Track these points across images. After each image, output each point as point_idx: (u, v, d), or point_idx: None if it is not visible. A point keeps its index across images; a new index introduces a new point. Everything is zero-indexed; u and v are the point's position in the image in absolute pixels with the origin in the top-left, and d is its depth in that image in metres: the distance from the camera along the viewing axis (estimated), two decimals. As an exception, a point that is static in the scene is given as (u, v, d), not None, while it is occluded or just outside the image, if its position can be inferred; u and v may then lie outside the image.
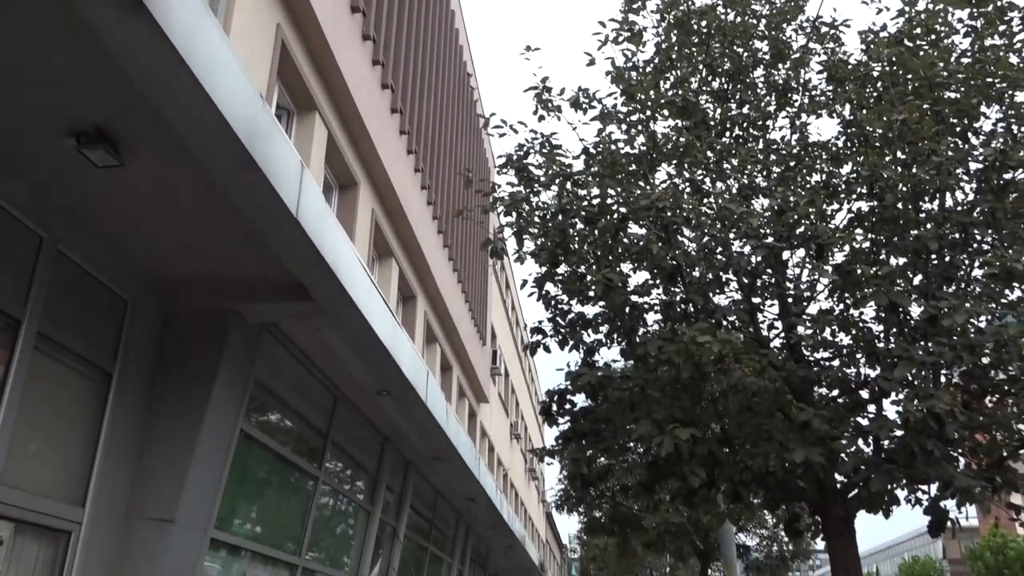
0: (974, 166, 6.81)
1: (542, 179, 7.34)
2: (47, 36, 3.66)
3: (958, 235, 6.58)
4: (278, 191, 4.62)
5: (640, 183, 7.23)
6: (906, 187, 6.63)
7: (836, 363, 6.96)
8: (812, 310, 7.18)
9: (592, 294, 7.04)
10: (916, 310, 6.16)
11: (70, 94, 4.08)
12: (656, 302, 7.21)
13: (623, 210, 6.70)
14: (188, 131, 4.06)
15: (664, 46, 8.59)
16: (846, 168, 7.54)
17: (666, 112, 8.15)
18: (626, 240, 7.09)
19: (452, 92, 16.86)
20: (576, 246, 7.27)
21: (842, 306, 7.25)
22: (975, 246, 6.74)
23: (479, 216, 7.76)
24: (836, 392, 6.96)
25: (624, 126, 7.50)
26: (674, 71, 8.63)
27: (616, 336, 7.37)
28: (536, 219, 7.28)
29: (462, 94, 18.11)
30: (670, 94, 8.21)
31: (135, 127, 4.33)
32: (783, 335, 7.16)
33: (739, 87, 8.58)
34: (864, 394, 6.69)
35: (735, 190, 7.87)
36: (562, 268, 7.32)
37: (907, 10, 7.58)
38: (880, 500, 6.04)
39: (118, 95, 4.05)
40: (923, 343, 5.95)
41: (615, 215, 6.75)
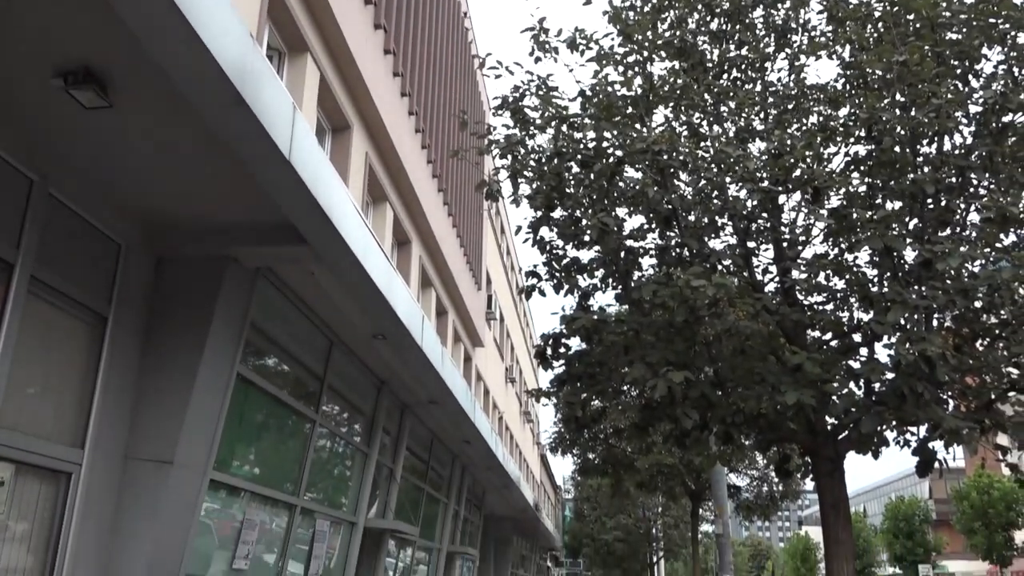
0: (973, 109, 6.74)
1: (538, 122, 7.26)
2: (29, -28, 3.57)
3: (955, 179, 6.55)
4: (270, 133, 4.57)
5: (636, 126, 7.15)
6: (904, 130, 6.57)
7: (830, 307, 6.99)
8: (807, 254, 7.18)
9: (587, 238, 7.03)
10: (911, 254, 6.17)
11: (56, 32, 4.00)
12: (651, 246, 7.20)
13: (619, 153, 6.63)
14: (176, 71, 3.99)
15: (662, -16, 8.42)
16: (844, 111, 7.47)
17: (663, 53, 8.03)
18: (622, 184, 7.04)
19: (447, 33, 16.56)
20: (572, 190, 7.22)
21: (837, 250, 7.25)
22: (972, 190, 6.72)
23: (474, 158, 7.69)
24: (829, 336, 7.01)
25: (621, 68, 7.39)
26: (672, 11, 8.47)
27: (611, 280, 7.38)
28: (531, 163, 7.22)
29: (457, 35, 17.79)
30: (667, 35, 8.08)
31: (123, 67, 4.25)
32: (777, 279, 7.18)
33: (738, 27, 8.44)
34: (857, 338, 6.74)
35: (732, 133, 7.80)
36: (557, 212, 7.28)
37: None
38: (870, 441, 6.14)
39: (104, 33, 3.97)
40: (917, 287, 5.97)
41: (611, 158, 6.69)
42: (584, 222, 6.98)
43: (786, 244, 7.27)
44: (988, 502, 37.68)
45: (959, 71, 6.94)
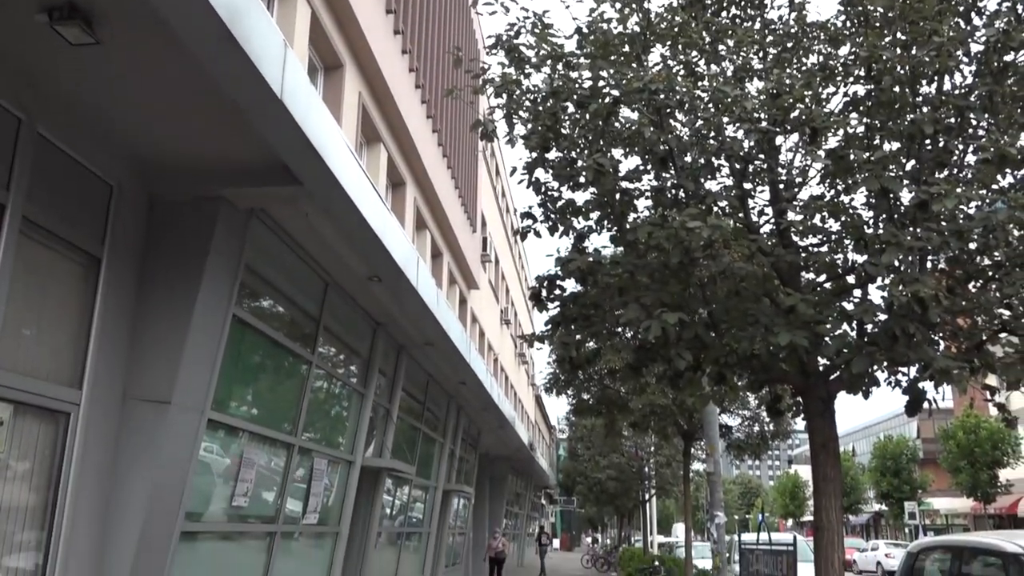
0: (975, 48, 6.65)
1: (533, 60, 7.13)
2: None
3: (954, 119, 6.49)
4: (260, 71, 4.49)
5: (633, 65, 7.03)
6: (904, 69, 6.48)
7: (824, 249, 6.99)
8: (803, 196, 7.15)
9: (583, 180, 6.97)
10: (907, 196, 6.14)
11: (38, -35, 3.89)
12: (647, 188, 7.15)
13: (615, 93, 6.54)
14: (164, 5, 3.90)
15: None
16: (844, 49, 7.35)
17: (661, -11, 7.86)
18: (618, 124, 6.96)
19: (439, -32, 16.17)
20: (567, 130, 7.14)
21: (833, 192, 7.22)
22: (971, 131, 6.66)
23: (469, 98, 7.58)
24: (823, 278, 7.02)
25: (618, 4, 7.23)
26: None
27: (606, 222, 7.34)
28: (527, 102, 7.12)
29: (450, -30, 17.37)
30: (666, -30, 7.90)
31: (109, 2, 4.15)
32: (773, 221, 7.16)
33: (738, -37, 8.24)
34: (851, 279, 6.76)
35: (730, 73, 7.69)
36: (553, 153, 7.21)
37: None
38: (861, 381, 6.19)
39: (88, -33, 3.86)
40: (912, 229, 5.96)
41: (607, 98, 6.59)
42: (580, 163, 6.92)
43: (782, 186, 7.23)
44: (975, 441, 38.36)
45: (961, 8, 6.82)
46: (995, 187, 6.46)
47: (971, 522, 47.86)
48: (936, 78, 6.75)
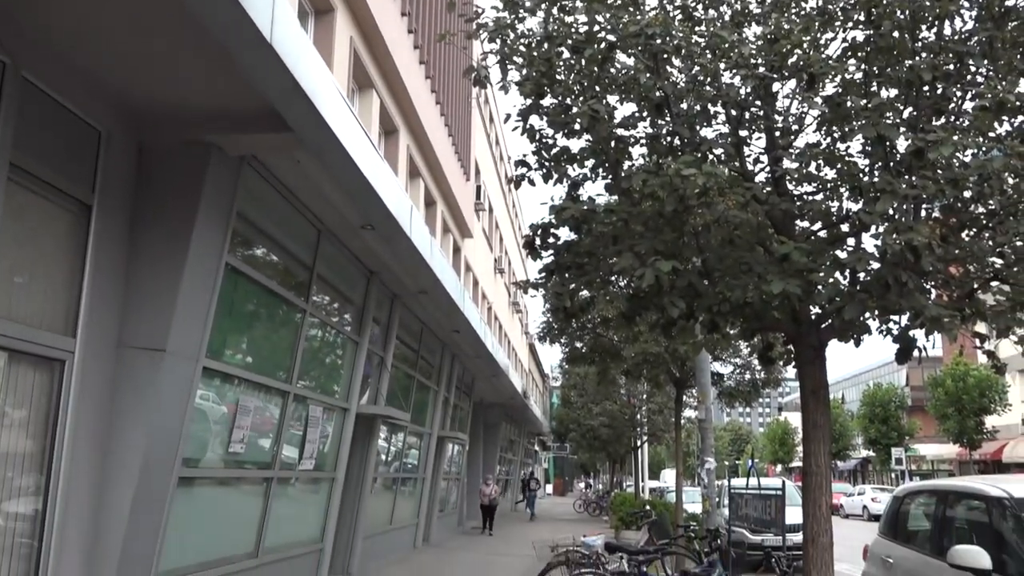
0: (977, -8, 6.54)
1: (527, 4, 6.99)
2: None
3: (953, 66, 6.41)
4: (249, 14, 4.40)
5: (630, 9, 6.91)
6: (904, 14, 6.38)
7: (819, 197, 6.96)
8: (799, 144, 7.09)
9: (577, 126, 6.89)
10: (903, 143, 6.10)
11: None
12: (642, 135, 7.08)
13: (611, 38, 6.43)
14: (149, -55, 3.80)
15: None
16: (844, -7, 7.24)
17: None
18: (613, 70, 6.86)
19: (431, -92, 15.76)
20: (562, 76, 7.04)
21: (829, 140, 7.17)
22: (969, 78, 6.59)
23: (462, 43, 7.44)
24: (817, 226, 7.01)
25: (614, -54, 7.07)
26: None
27: (601, 170, 7.28)
28: (521, 47, 7.00)
29: (442, -90, 16.94)
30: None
31: (92, -59, 4.04)
32: (768, 169, 7.11)
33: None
34: (845, 228, 6.74)
35: (727, 17, 7.56)
36: (547, 100, 7.11)
37: None
38: (852, 329, 6.23)
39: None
40: (907, 177, 5.94)
41: (603, 43, 6.49)
42: (574, 110, 6.83)
43: (778, 133, 7.17)
44: (963, 389, 38.85)
45: (964, -49, 6.70)
46: (992, 135, 6.41)
47: (956, 468, 48.74)
48: (936, 23, 6.65)
